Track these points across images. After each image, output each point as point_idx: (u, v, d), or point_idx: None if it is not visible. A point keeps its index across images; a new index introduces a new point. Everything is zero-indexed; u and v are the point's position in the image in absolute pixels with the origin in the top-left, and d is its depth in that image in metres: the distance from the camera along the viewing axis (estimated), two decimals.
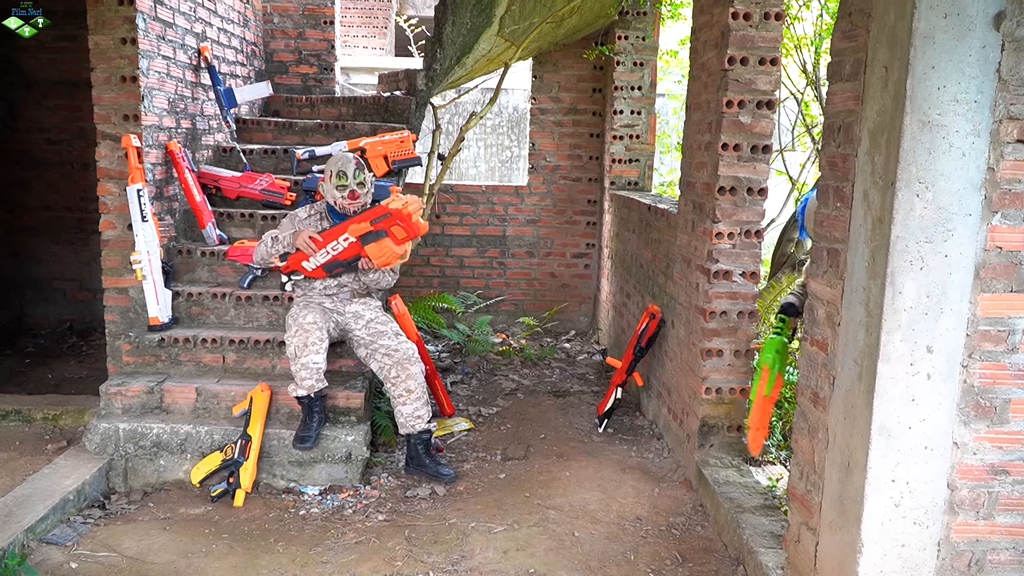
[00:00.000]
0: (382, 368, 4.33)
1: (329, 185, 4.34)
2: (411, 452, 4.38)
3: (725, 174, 4.00)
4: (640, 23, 6.52)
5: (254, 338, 4.55)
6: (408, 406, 4.28)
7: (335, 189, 4.32)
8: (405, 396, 4.28)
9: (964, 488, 2.41)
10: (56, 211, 6.76)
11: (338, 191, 4.31)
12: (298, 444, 4.16)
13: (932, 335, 2.31)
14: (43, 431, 4.62)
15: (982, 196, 2.25)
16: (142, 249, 4.47)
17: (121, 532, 3.71)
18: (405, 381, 4.27)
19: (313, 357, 4.15)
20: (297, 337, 4.16)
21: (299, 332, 4.16)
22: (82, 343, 6.50)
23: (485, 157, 12.49)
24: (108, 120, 4.53)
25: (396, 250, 4.31)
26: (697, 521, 3.90)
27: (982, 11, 2.16)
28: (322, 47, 7.10)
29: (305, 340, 4.15)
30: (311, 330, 4.17)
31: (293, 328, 4.20)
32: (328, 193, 4.36)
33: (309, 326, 4.17)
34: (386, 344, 4.32)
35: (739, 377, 4.18)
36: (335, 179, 4.31)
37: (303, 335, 4.16)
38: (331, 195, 4.34)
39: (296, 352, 4.16)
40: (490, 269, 7.60)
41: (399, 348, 4.32)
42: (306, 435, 4.17)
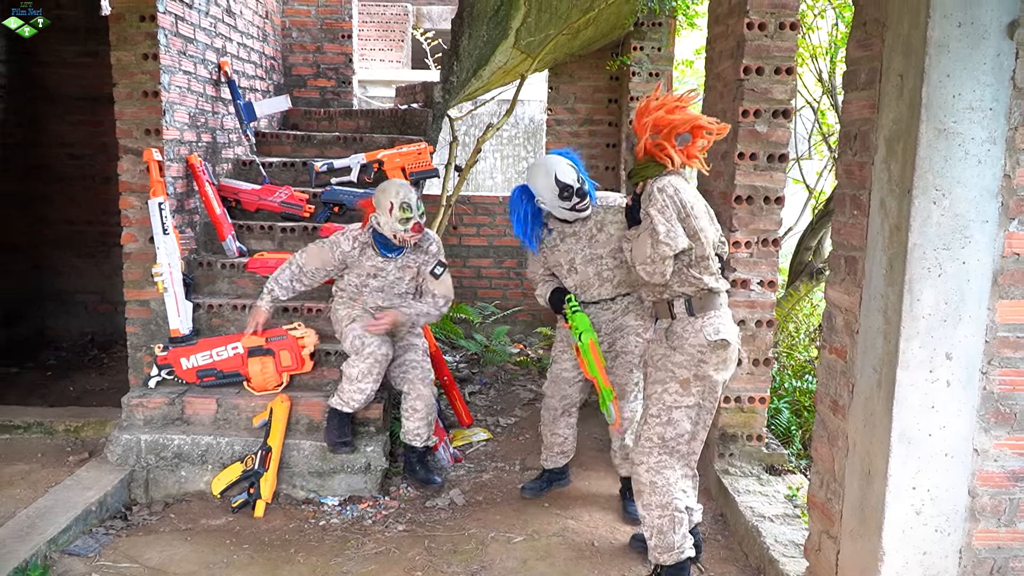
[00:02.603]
0: (395, 379, 4.36)
1: (389, 218, 4.09)
2: (406, 459, 4.40)
3: (742, 183, 4.00)
4: (656, 34, 6.54)
5: None
6: (411, 422, 4.29)
7: (397, 222, 4.08)
8: (410, 412, 4.28)
9: (985, 495, 2.40)
10: (78, 225, 6.85)
11: (400, 224, 4.08)
12: (341, 448, 4.16)
13: (951, 342, 2.31)
14: (65, 443, 4.66)
15: (999, 203, 2.26)
16: (163, 262, 4.52)
17: (143, 543, 3.74)
18: (414, 400, 4.26)
19: (372, 386, 4.15)
20: (366, 364, 4.11)
21: (372, 363, 4.11)
22: (103, 355, 6.56)
23: (502, 168, 12.54)
24: (130, 134, 4.60)
25: (275, 377, 4.43)
26: (717, 530, 3.89)
27: (996, 20, 2.17)
28: (340, 61, 7.18)
29: (371, 370, 4.12)
30: (383, 362, 4.15)
31: (366, 353, 4.11)
32: (387, 226, 4.11)
33: (383, 359, 4.14)
34: (411, 359, 4.34)
35: (758, 386, 4.18)
36: (399, 211, 4.07)
37: (374, 366, 4.12)
38: (391, 228, 4.10)
39: (360, 376, 4.12)
40: (507, 280, 7.62)
41: (419, 366, 4.32)
42: (346, 440, 4.18)
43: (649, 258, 3.11)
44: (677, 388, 3.17)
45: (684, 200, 3.09)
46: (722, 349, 3.13)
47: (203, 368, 4.44)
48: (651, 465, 3.22)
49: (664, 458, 3.20)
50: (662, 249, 3.06)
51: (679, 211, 3.08)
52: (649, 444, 3.23)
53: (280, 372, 4.44)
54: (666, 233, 3.05)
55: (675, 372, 3.18)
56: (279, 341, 4.42)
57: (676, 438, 3.19)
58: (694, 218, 3.09)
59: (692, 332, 3.16)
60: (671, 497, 3.21)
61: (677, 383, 3.17)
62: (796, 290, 6.34)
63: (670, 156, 3.11)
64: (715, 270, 3.18)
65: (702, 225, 3.12)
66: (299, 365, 4.45)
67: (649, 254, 3.10)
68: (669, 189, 3.08)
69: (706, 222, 3.15)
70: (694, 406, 3.18)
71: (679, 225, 3.07)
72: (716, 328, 3.14)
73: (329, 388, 4.51)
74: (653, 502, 3.23)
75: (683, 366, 3.16)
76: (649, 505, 3.25)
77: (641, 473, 3.25)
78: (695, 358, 3.15)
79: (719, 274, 3.20)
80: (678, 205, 3.08)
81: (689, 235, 3.10)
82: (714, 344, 3.12)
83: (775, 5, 3.87)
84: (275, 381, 4.45)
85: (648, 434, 3.24)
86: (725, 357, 3.16)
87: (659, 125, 3.13)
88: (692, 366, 3.15)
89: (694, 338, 3.15)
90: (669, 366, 3.20)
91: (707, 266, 3.15)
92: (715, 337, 3.12)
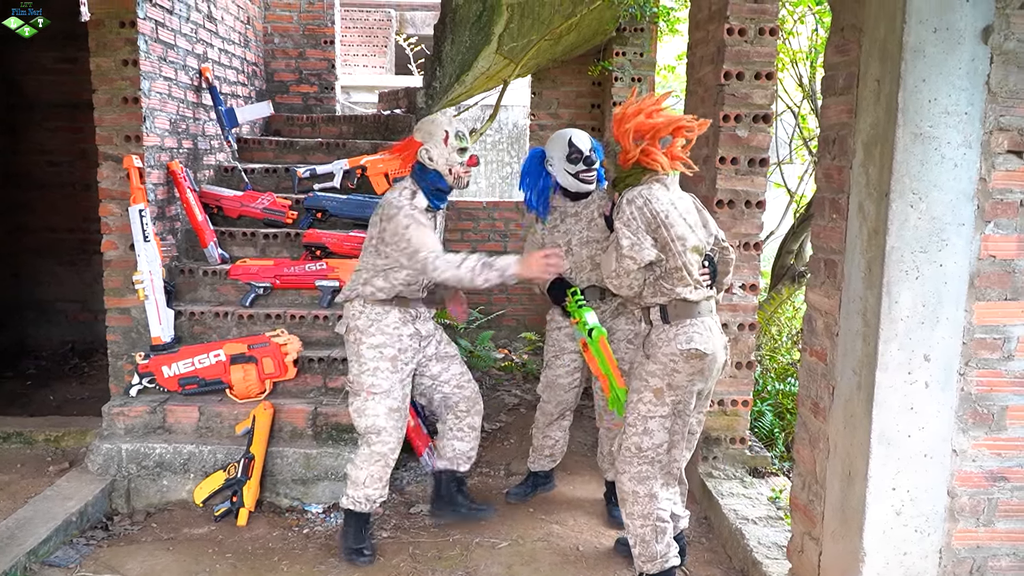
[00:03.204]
0: (447, 398, 3.81)
1: (444, 149, 3.53)
2: (443, 491, 3.92)
3: (723, 187, 4.03)
4: (638, 39, 6.57)
5: None
6: (466, 443, 3.85)
7: (455, 153, 3.55)
8: (467, 432, 3.84)
9: (964, 495, 2.42)
10: (58, 232, 6.81)
11: (458, 156, 3.55)
12: (358, 558, 3.61)
13: (929, 344, 2.33)
14: (45, 453, 4.63)
15: (975, 206, 2.28)
16: (144, 269, 4.49)
17: (124, 553, 3.71)
18: (472, 417, 3.84)
19: (382, 491, 3.66)
20: (376, 467, 3.59)
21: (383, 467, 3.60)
22: (84, 364, 6.52)
23: (485, 173, 12.54)
24: (110, 141, 4.57)
25: (257, 385, 4.39)
26: (701, 533, 3.90)
27: (971, 25, 2.19)
28: (322, 66, 7.16)
29: (381, 475, 3.61)
30: (394, 458, 3.63)
31: (376, 447, 3.58)
32: (441, 159, 3.54)
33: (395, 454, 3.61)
34: (458, 372, 3.82)
35: (741, 389, 4.20)
36: (456, 140, 3.54)
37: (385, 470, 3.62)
38: (446, 161, 3.54)
39: (368, 481, 3.60)
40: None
41: (471, 380, 3.86)
42: (363, 546, 3.65)
43: (614, 272, 3.11)
44: (651, 398, 3.16)
45: (656, 210, 3.06)
46: (696, 359, 3.09)
47: (185, 376, 4.41)
48: (633, 474, 3.22)
49: (645, 468, 3.20)
50: (626, 263, 3.06)
51: (649, 222, 3.06)
52: (628, 454, 3.23)
53: (263, 379, 4.42)
54: (630, 247, 3.04)
55: (648, 381, 3.16)
56: (262, 348, 4.41)
57: (654, 448, 3.18)
58: (668, 227, 3.06)
59: (665, 341, 3.14)
60: (653, 507, 3.21)
61: (651, 392, 3.16)
62: (778, 293, 6.38)
63: (657, 160, 3.11)
64: (692, 280, 3.12)
65: (678, 233, 3.08)
66: (282, 372, 4.43)
67: (614, 268, 3.11)
68: (638, 201, 3.07)
69: (683, 229, 3.10)
70: (668, 416, 3.16)
71: (647, 238, 3.05)
72: (689, 337, 3.10)
73: (313, 395, 4.49)
74: (636, 511, 3.23)
75: (656, 375, 3.15)
76: (632, 514, 3.25)
77: (624, 482, 3.25)
78: (667, 367, 3.12)
79: (700, 282, 3.14)
80: (647, 216, 3.06)
81: (660, 246, 3.08)
82: (686, 353, 3.09)
83: (755, 11, 3.90)
84: (258, 388, 4.43)
85: (627, 444, 3.23)
86: (701, 367, 3.12)
87: (641, 130, 3.12)
88: (665, 375, 3.13)
89: (666, 347, 3.13)
90: (644, 374, 3.19)
91: (681, 277, 3.10)
92: (687, 346, 3.09)
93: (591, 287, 3.83)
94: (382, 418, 3.56)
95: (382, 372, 3.55)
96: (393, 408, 3.57)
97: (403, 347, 3.60)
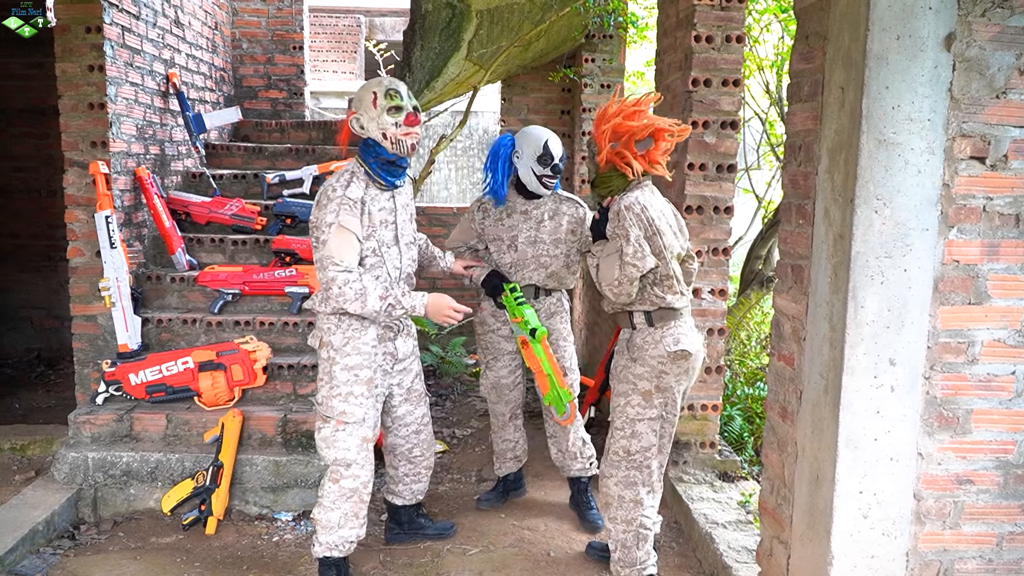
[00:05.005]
0: (404, 446, 3.63)
1: (374, 112, 3.14)
2: (405, 518, 3.83)
3: (692, 193, 4.05)
4: (606, 46, 6.60)
5: None
6: (423, 483, 3.77)
7: (385, 114, 3.13)
8: (424, 473, 3.74)
9: (930, 498, 2.45)
10: (23, 239, 6.72)
11: (390, 117, 3.14)
12: None
13: (894, 348, 2.35)
14: (11, 461, 4.55)
15: (938, 211, 2.31)
16: (111, 276, 4.44)
17: (91, 563, 3.66)
18: (428, 459, 3.72)
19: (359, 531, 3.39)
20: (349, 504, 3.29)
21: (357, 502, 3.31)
22: (50, 372, 6.43)
23: (456, 179, 12.53)
24: (76, 147, 4.52)
25: (226, 392, 4.36)
26: (672, 538, 3.92)
27: (933, 32, 2.22)
28: (291, 72, 7.13)
29: (357, 511, 3.32)
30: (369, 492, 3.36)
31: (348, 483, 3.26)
32: (372, 124, 3.16)
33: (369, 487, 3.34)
34: (421, 415, 3.62)
35: (711, 393, 4.22)
36: (385, 99, 3.14)
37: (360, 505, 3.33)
38: (377, 126, 3.16)
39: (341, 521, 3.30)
40: (463, 291, 7.57)
41: (428, 423, 3.68)
42: None
43: (616, 280, 3.08)
44: (639, 400, 3.18)
45: (651, 217, 3.06)
46: (683, 360, 3.14)
47: (152, 383, 4.36)
48: (620, 479, 3.23)
49: (632, 472, 3.21)
50: (629, 271, 3.05)
51: (646, 229, 3.06)
52: (616, 458, 3.23)
53: (232, 387, 4.38)
54: (633, 254, 3.03)
55: (637, 384, 3.18)
56: (230, 355, 4.37)
57: (642, 451, 3.20)
58: (660, 235, 3.07)
59: (652, 343, 3.16)
60: (638, 513, 3.22)
61: (639, 395, 3.17)
62: (747, 298, 6.42)
63: (630, 164, 3.11)
64: (678, 288, 3.14)
65: (667, 242, 3.09)
66: (251, 379, 4.40)
67: (617, 276, 3.08)
68: (636, 207, 3.06)
69: (670, 237, 3.12)
70: (657, 418, 3.18)
71: (646, 245, 3.06)
72: (676, 338, 3.14)
73: (282, 402, 4.46)
74: (619, 516, 3.24)
75: (644, 378, 3.17)
76: (615, 519, 3.26)
77: (610, 486, 3.26)
78: (656, 369, 3.15)
79: (683, 288, 3.17)
80: (645, 223, 3.05)
81: (655, 253, 3.08)
82: (674, 355, 3.12)
83: (722, 18, 3.93)
84: (226, 396, 4.39)
85: (614, 448, 3.24)
86: (687, 367, 3.16)
87: (618, 132, 3.12)
88: (653, 377, 3.15)
89: (654, 349, 3.15)
90: (631, 378, 3.21)
91: (670, 284, 3.12)
92: (675, 348, 3.12)
93: (528, 286, 3.85)
94: (353, 451, 3.24)
95: (356, 398, 3.23)
96: (367, 439, 3.27)
97: (378, 366, 3.32)
